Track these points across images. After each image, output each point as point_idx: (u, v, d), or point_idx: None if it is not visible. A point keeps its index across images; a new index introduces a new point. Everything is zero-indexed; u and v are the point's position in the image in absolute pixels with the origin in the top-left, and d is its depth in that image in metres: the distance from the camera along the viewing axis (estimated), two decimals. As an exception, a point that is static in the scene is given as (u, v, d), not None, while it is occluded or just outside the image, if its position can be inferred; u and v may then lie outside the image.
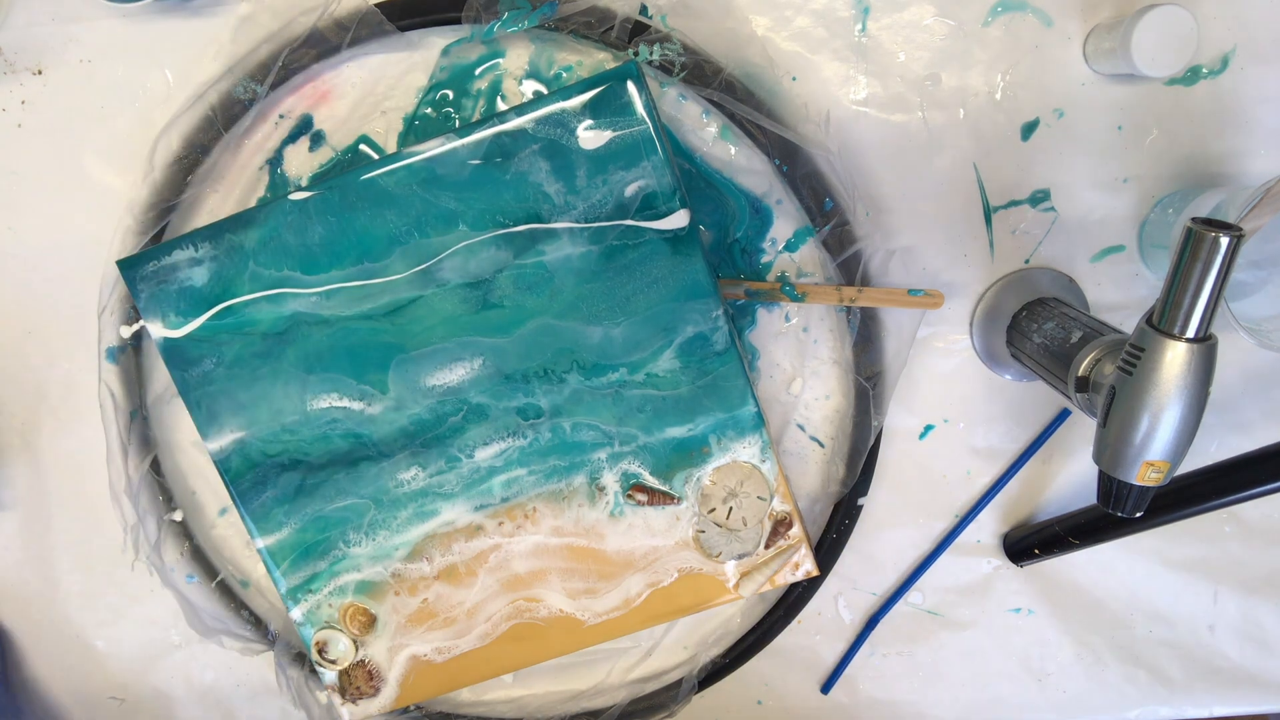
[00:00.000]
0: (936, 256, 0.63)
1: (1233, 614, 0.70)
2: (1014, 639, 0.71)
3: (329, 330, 0.61)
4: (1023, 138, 0.61)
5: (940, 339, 0.65)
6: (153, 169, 0.60)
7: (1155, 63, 0.55)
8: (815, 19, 0.60)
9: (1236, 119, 0.60)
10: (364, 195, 0.58)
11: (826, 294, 0.61)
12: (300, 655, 0.69)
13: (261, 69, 0.59)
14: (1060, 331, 0.56)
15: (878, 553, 0.69)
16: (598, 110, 0.56)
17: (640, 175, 0.57)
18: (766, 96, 0.59)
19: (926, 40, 0.60)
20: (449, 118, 0.60)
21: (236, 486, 0.63)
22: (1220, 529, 0.68)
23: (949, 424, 0.66)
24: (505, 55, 0.60)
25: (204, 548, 0.68)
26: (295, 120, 0.61)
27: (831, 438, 0.66)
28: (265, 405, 0.62)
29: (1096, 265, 0.63)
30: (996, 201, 0.62)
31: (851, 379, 0.64)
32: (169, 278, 0.60)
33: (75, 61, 0.61)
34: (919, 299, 0.61)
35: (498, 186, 0.57)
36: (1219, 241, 0.42)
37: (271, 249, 0.59)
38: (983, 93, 0.60)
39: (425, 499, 0.64)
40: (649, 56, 0.57)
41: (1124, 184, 0.62)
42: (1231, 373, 0.65)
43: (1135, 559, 0.69)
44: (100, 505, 0.66)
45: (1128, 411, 0.46)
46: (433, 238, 0.59)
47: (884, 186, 0.62)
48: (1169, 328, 0.45)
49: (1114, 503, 0.49)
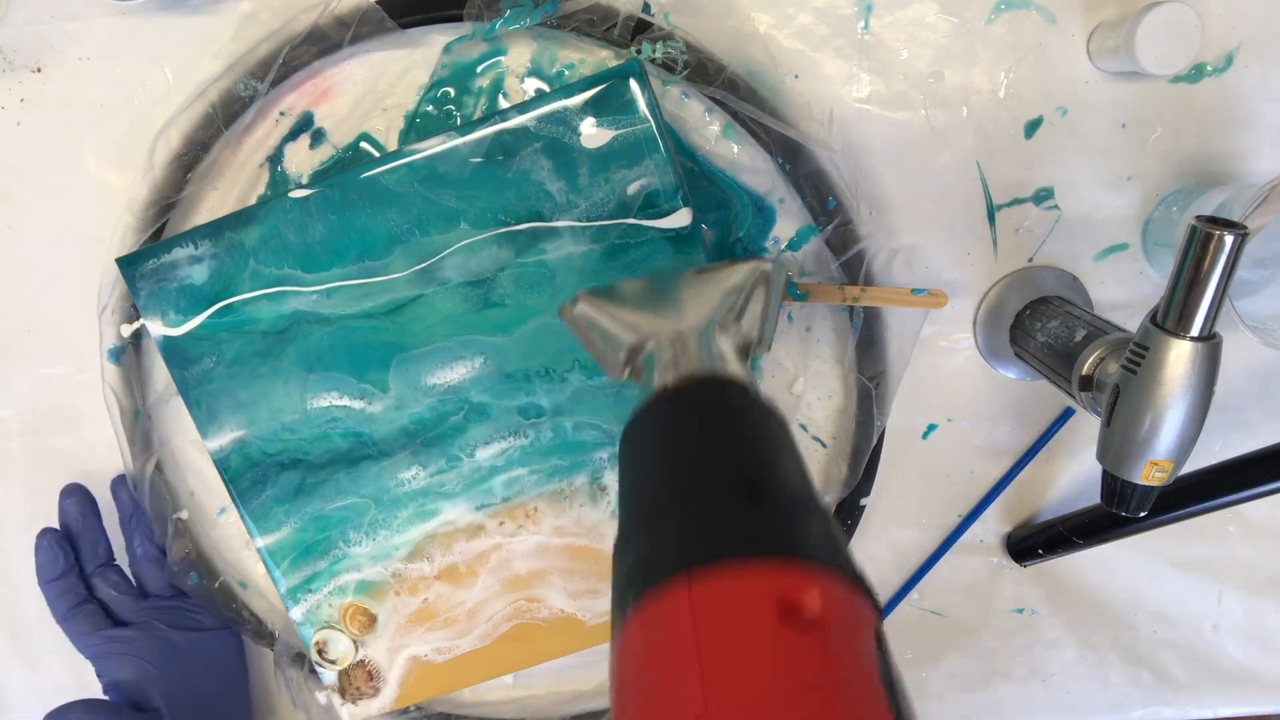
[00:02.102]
0: (940, 255, 0.63)
1: (1237, 614, 0.69)
2: (1017, 639, 0.70)
3: (329, 329, 0.60)
4: (1026, 136, 0.61)
5: (943, 338, 0.65)
6: (152, 166, 0.59)
7: (1159, 60, 0.55)
8: (817, 16, 0.59)
9: (1241, 117, 0.60)
10: (365, 193, 0.58)
11: (829, 293, 0.61)
12: (300, 655, 0.69)
13: (262, 66, 0.58)
14: (1064, 330, 0.56)
15: (880, 553, 0.69)
16: (600, 108, 0.56)
17: (643, 174, 0.57)
18: (769, 95, 0.59)
19: (929, 38, 0.60)
20: (450, 115, 0.60)
21: (236, 486, 0.63)
22: (1224, 528, 0.68)
23: (952, 423, 0.66)
24: (507, 53, 0.59)
25: (204, 548, 0.68)
26: (296, 117, 0.61)
27: (834, 437, 0.66)
28: (265, 404, 0.62)
29: (1100, 264, 0.63)
30: (1000, 200, 0.62)
31: (854, 379, 0.63)
32: (169, 276, 0.60)
33: (75, 59, 0.61)
34: (922, 298, 0.61)
35: (499, 185, 0.57)
36: (1223, 240, 0.42)
37: (272, 247, 0.59)
38: (986, 90, 0.60)
39: (426, 498, 0.63)
40: (651, 54, 0.57)
41: (1128, 182, 0.61)
42: (1236, 371, 0.65)
43: (1139, 559, 0.69)
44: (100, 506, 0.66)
45: (1132, 410, 0.46)
46: (434, 236, 0.58)
47: (887, 185, 0.62)
48: (1173, 326, 0.44)
49: (1118, 502, 0.49)
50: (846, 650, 0.28)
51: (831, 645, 0.28)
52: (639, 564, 0.32)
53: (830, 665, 0.27)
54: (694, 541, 0.30)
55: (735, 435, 0.36)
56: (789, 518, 0.32)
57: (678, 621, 0.28)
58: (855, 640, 0.28)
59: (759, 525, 0.31)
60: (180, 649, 0.64)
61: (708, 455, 0.35)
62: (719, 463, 0.34)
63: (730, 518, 0.32)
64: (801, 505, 0.33)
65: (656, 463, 0.37)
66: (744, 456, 0.34)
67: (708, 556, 0.29)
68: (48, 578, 0.63)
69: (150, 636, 0.63)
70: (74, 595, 0.63)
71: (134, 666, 0.62)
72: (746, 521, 0.31)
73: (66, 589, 0.63)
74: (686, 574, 0.29)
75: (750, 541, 0.30)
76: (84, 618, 0.63)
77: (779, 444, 0.36)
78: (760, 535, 0.31)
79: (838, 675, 0.27)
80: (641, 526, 0.34)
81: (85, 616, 0.63)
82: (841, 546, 0.32)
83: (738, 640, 0.27)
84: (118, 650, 0.63)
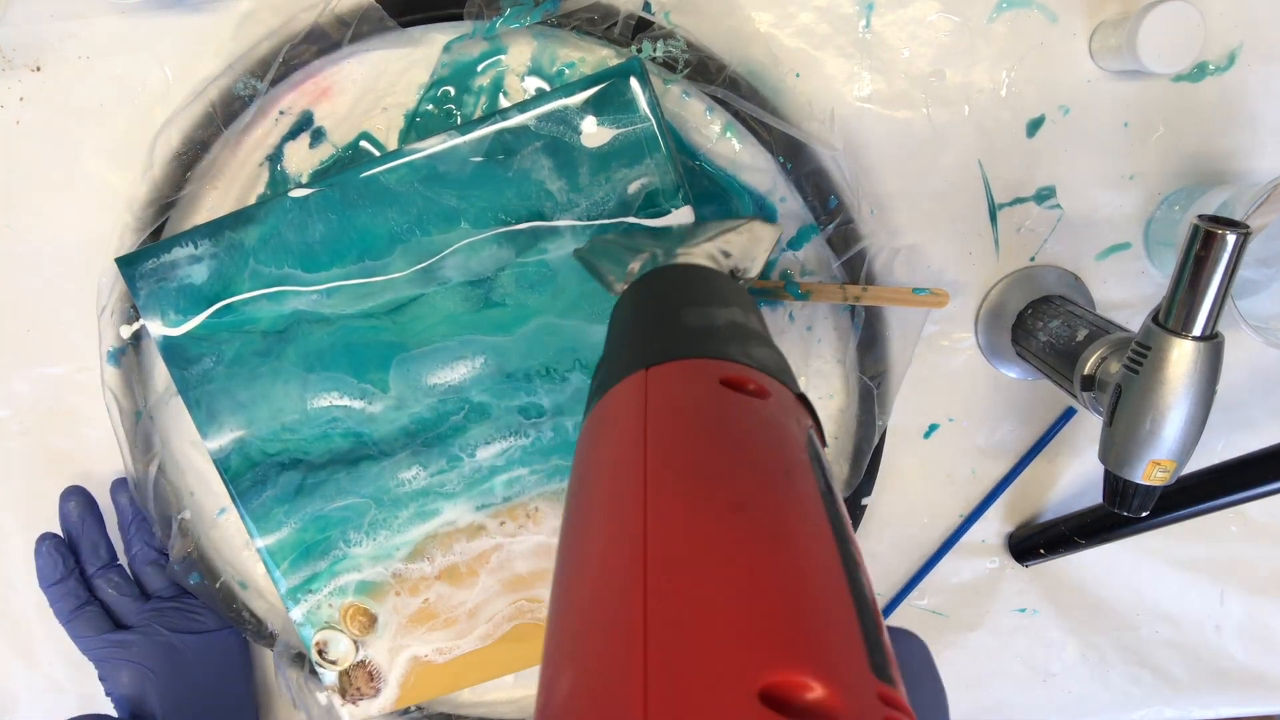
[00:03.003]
0: (941, 254, 0.63)
1: (1239, 614, 0.69)
2: (1019, 639, 0.70)
3: (329, 328, 0.60)
4: (1028, 135, 0.61)
5: (945, 337, 0.65)
6: (152, 165, 0.59)
7: (1162, 59, 0.55)
8: (819, 15, 0.59)
9: (1243, 116, 0.60)
10: (365, 192, 0.58)
11: (830, 292, 0.61)
12: (300, 656, 0.68)
13: (262, 65, 0.58)
14: (1066, 330, 0.56)
15: (882, 553, 0.69)
16: (601, 107, 0.56)
17: (643, 172, 0.57)
18: (770, 94, 0.59)
19: (931, 36, 0.59)
20: (450, 114, 0.60)
21: (236, 486, 0.63)
22: (1226, 528, 0.68)
23: (954, 423, 0.66)
24: (507, 51, 0.59)
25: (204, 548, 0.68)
26: (295, 116, 0.61)
27: (835, 437, 0.66)
28: (265, 404, 0.62)
29: (1102, 263, 0.63)
30: (1001, 199, 0.62)
31: (855, 378, 0.63)
32: (168, 275, 0.59)
33: (74, 58, 0.61)
34: (924, 298, 0.61)
35: (500, 184, 0.57)
36: (1225, 239, 0.42)
37: (271, 246, 0.59)
38: (988, 89, 0.60)
39: (426, 498, 0.63)
40: (652, 53, 0.57)
41: (1130, 181, 0.61)
42: (1238, 371, 0.65)
43: (1141, 559, 0.69)
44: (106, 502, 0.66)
45: (1134, 410, 0.46)
46: (434, 235, 0.58)
47: (888, 184, 0.61)
48: (1175, 326, 0.44)
49: (1120, 502, 0.49)
50: (784, 418, 0.30)
51: (772, 410, 0.30)
52: (606, 376, 0.34)
53: (768, 424, 0.29)
54: (653, 351, 0.33)
55: (695, 292, 0.40)
56: (743, 340, 0.35)
57: (632, 396, 0.30)
58: (791, 419, 0.30)
59: (715, 342, 0.34)
60: (181, 654, 0.64)
61: (666, 304, 0.38)
62: (679, 309, 0.37)
63: (686, 335, 0.35)
64: (755, 338, 0.36)
65: (626, 319, 0.40)
66: (700, 302, 0.38)
67: (665, 357, 0.32)
68: (49, 581, 0.63)
69: (151, 641, 0.63)
70: (76, 598, 0.63)
71: (135, 673, 0.63)
72: (702, 337, 0.35)
73: (68, 592, 0.63)
74: (644, 371, 0.32)
75: (702, 346, 0.33)
76: (87, 620, 0.63)
77: (742, 304, 0.40)
78: (712, 345, 0.34)
79: (774, 435, 0.29)
80: (611, 354, 0.37)
81: (88, 619, 0.63)
82: (789, 371, 0.35)
83: (683, 397, 0.30)
84: (119, 655, 0.63)
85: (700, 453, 0.27)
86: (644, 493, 0.25)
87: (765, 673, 0.20)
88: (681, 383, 0.31)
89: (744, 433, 0.28)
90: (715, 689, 0.20)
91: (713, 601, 0.22)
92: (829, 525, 0.25)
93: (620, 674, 0.21)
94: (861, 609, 0.23)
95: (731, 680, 0.20)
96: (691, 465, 0.26)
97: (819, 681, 0.20)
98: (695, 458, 0.27)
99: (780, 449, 0.28)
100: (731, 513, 0.24)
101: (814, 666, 0.20)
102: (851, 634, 0.22)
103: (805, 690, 0.20)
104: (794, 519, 0.25)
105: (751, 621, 0.21)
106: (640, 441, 0.27)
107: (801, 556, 0.24)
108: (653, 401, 0.29)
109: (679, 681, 0.20)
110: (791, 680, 0.20)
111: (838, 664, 0.21)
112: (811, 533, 0.25)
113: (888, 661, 0.22)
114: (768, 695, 0.19)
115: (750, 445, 0.27)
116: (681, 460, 0.27)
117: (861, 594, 0.24)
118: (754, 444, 0.28)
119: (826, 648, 0.21)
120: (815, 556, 0.24)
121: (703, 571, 0.23)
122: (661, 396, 0.30)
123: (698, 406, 0.29)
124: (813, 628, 0.22)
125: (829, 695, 0.20)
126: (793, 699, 0.20)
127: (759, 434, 0.28)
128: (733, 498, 0.25)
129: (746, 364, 0.32)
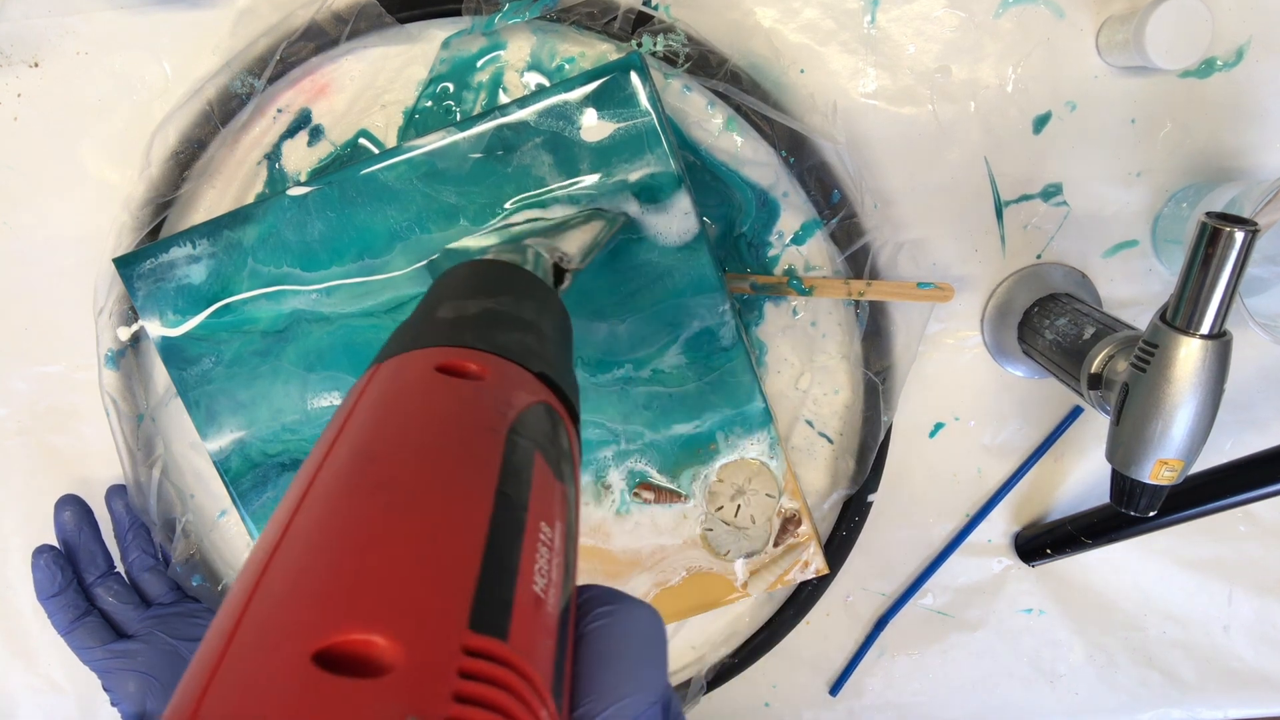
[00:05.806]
0: (946, 251, 0.62)
1: (1247, 614, 0.69)
2: (1025, 640, 0.70)
3: (329, 328, 0.60)
4: (1034, 131, 0.60)
5: (951, 335, 0.64)
6: (149, 164, 0.59)
7: (1169, 55, 0.54)
8: (824, 11, 0.59)
9: (1251, 112, 0.60)
10: (364, 190, 0.57)
11: (834, 287, 0.61)
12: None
13: (259, 62, 0.58)
14: (1073, 328, 0.55)
15: (887, 553, 0.68)
16: (601, 102, 0.55)
17: (644, 168, 0.56)
18: (772, 88, 0.58)
19: (936, 32, 0.59)
20: (449, 111, 0.60)
21: (236, 487, 0.63)
22: (1235, 528, 0.67)
23: (960, 422, 0.65)
24: (506, 47, 0.59)
25: (205, 550, 0.68)
26: (293, 114, 0.61)
27: (840, 433, 0.65)
28: (265, 404, 0.61)
29: (1109, 260, 0.62)
30: (1008, 196, 0.61)
31: (860, 374, 0.63)
32: (166, 275, 0.59)
33: (72, 54, 0.61)
34: (929, 292, 0.60)
35: (499, 180, 0.57)
36: (1234, 236, 0.42)
37: (270, 245, 0.58)
38: (994, 85, 0.59)
39: (427, 498, 0.63)
40: (652, 48, 0.57)
41: (1137, 178, 0.61)
42: (1246, 369, 0.64)
43: (1148, 559, 0.68)
44: (102, 505, 0.66)
45: (1141, 409, 0.46)
46: (434, 233, 0.58)
47: (893, 179, 0.61)
48: (1183, 324, 0.44)
49: (1127, 501, 0.48)
50: (488, 398, 0.31)
51: (479, 390, 0.31)
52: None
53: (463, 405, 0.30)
54: (396, 344, 0.35)
55: (473, 284, 0.41)
56: (489, 326, 0.36)
57: (358, 388, 0.32)
58: (502, 397, 0.31)
59: (451, 330, 0.35)
60: (185, 661, 0.63)
61: (430, 298, 0.40)
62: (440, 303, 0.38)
63: (430, 328, 0.36)
64: (510, 323, 0.37)
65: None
66: (465, 294, 0.39)
67: (399, 350, 0.34)
68: (47, 594, 0.62)
69: (156, 649, 0.62)
70: (74, 609, 0.62)
71: (141, 682, 0.62)
72: (442, 328, 0.36)
73: (67, 603, 0.62)
74: (376, 366, 0.33)
75: (434, 337, 0.34)
76: (87, 631, 0.62)
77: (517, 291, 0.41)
78: (445, 334, 0.35)
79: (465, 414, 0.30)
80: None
81: (88, 630, 0.62)
82: (540, 354, 0.36)
83: (393, 386, 0.31)
84: (125, 665, 0.62)
85: (370, 435, 0.28)
86: (314, 474, 0.27)
87: (327, 634, 0.21)
88: (397, 373, 0.32)
89: (427, 414, 0.29)
90: (270, 653, 0.21)
91: (301, 572, 0.23)
92: (486, 497, 0.26)
93: (211, 646, 0.22)
94: (490, 573, 0.24)
95: (287, 643, 0.21)
96: (361, 448, 0.27)
97: (386, 638, 0.21)
98: (366, 441, 0.28)
99: (458, 428, 0.29)
100: (374, 490, 0.26)
101: (383, 625, 0.21)
102: (452, 594, 0.23)
103: (370, 648, 0.21)
104: (434, 493, 0.26)
105: (319, 586, 0.22)
106: (337, 428, 0.29)
107: (424, 527, 0.24)
108: (367, 394, 0.31)
109: (243, 652, 0.21)
110: (355, 640, 0.21)
111: (416, 621, 0.22)
112: (447, 505, 0.26)
113: (504, 620, 0.23)
114: (324, 656, 0.20)
115: (423, 426, 0.29)
116: (355, 445, 0.28)
117: (500, 560, 0.25)
118: (429, 424, 0.29)
119: (403, 607, 0.22)
120: (440, 527, 0.25)
121: (315, 546, 0.24)
122: (377, 389, 0.31)
123: (401, 392, 0.31)
124: (389, 589, 0.22)
125: (392, 648, 0.21)
126: (353, 657, 0.21)
127: (441, 414, 0.30)
128: (380, 476, 0.26)
129: (478, 348, 0.34)
